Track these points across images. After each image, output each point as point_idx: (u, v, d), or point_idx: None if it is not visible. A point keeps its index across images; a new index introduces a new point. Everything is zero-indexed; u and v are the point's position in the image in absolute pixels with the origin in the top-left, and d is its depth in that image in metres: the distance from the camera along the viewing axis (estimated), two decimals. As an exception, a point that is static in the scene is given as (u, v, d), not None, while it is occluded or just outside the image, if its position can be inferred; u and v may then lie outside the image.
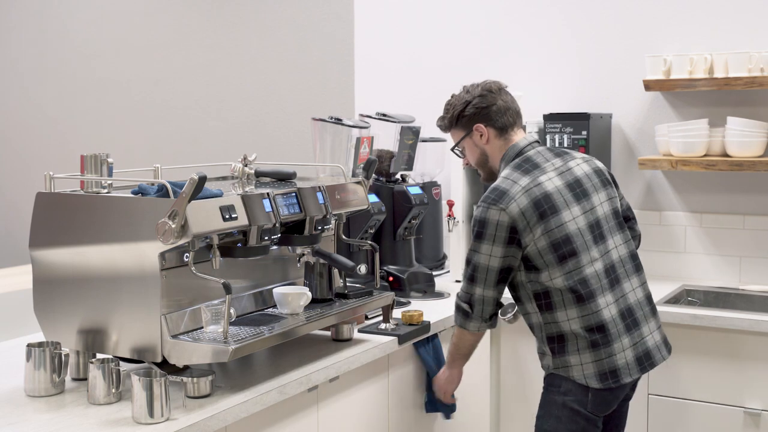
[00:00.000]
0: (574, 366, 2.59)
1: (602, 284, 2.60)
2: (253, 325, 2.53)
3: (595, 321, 2.57)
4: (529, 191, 2.59)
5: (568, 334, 2.59)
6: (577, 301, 2.56)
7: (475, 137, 2.75)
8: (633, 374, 2.62)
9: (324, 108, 4.60)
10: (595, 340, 2.57)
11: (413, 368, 3.10)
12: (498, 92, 2.74)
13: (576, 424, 2.61)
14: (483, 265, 2.62)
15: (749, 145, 3.61)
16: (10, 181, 5.98)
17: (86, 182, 2.45)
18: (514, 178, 2.62)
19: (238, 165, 2.83)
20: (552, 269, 2.57)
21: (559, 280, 2.57)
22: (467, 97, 2.75)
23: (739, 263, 3.82)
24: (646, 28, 3.95)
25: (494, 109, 2.72)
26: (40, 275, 2.47)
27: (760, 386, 3.23)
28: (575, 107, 3.99)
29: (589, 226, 2.62)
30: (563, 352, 2.60)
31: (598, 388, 2.58)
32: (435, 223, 4.03)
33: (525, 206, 2.57)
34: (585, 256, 2.59)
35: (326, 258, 2.85)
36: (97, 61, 5.61)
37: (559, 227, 2.57)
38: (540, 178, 2.62)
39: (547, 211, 2.57)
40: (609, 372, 2.57)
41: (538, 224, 2.56)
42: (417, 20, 4.50)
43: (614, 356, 2.58)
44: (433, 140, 4.12)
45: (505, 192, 2.59)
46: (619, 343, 2.59)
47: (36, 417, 2.17)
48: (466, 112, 2.74)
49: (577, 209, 2.62)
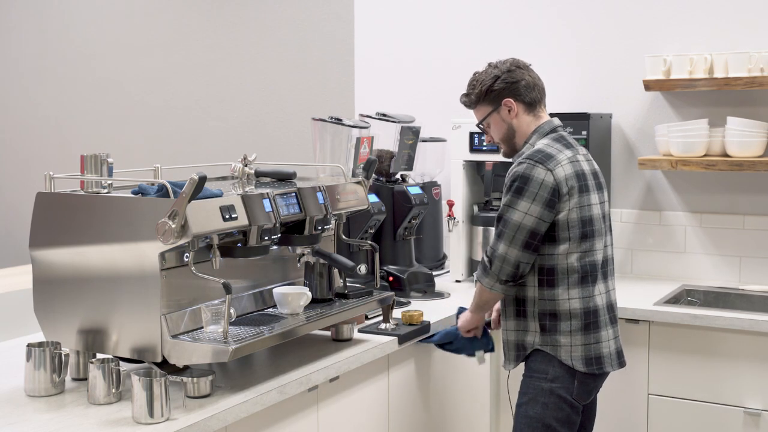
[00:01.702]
0: (563, 346, 2.64)
1: (600, 273, 2.70)
2: (253, 325, 2.53)
3: (592, 304, 2.66)
4: (573, 163, 2.67)
5: (564, 313, 2.64)
6: (581, 282, 2.64)
7: (503, 112, 2.75)
8: (613, 365, 2.72)
9: (324, 108, 4.60)
10: (588, 323, 2.65)
11: (413, 368, 3.10)
12: (525, 68, 2.78)
13: (562, 411, 2.66)
14: (515, 222, 2.60)
15: (749, 145, 3.61)
16: (10, 181, 5.98)
17: (86, 182, 2.45)
18: (557, 147, 2.68)
19: (238, 165, 2.83)
20: (572, 244, 2.63)
21: (574, 257, 2.63)
22: (496, 72, 2.76)
23: (739, 263, 3.82)
24: (646, 28, 3.95)
25: (523, 84, 2.74)
26: (40, 275, 2.47)
27: (760, 386, 3.23)
28: (575, 107, 3.99)
29: (601, 216, 2.72)
30: (555, 331, 2.65)
31: (583, 372, 2.64)
32: (435, 223, 4.03)
33: (569, 174, 2.63)
34: (599, 241, 2.69)
35: (326, 258, 2.85)
36: (97, 61, 5.61)
37: (587, 206, 2.66)
38: (578, 156, 2.71)
39: (583, 186, 2.66)
40: (594, 358, 2.66)
41: (575, 196, 2.63)
42: (417, 20, 4.50)
43: (601, 343, 2.67)
44: (433, 140, 4.13)
45: (552, 156, 2.64)
46: (606, 332, 2.69)
47: (36, 417, 2.17)
48: (495, 87, 2.74)
49: (595, 197, 2.71)
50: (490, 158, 3.85)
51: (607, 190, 2.84)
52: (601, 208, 2.73)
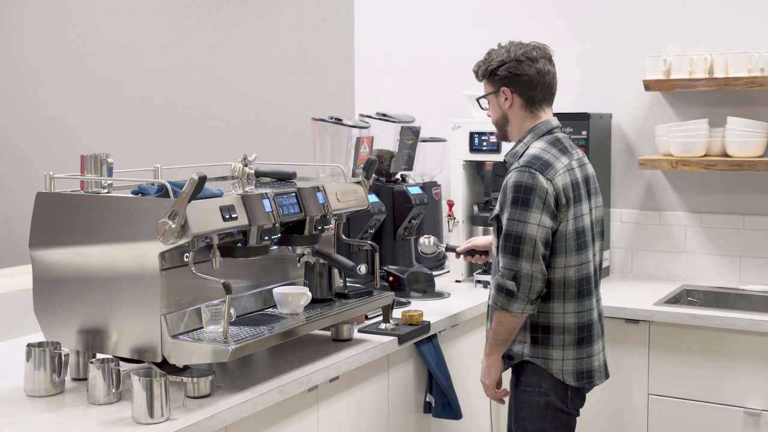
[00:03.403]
0: (555, 360, 2.59)
1: (592, 285, 2.64)
2: (253, 325, 2.53)
3: (587, 319, 2.61)
4: (569, 171, 2.58)
5: (558, 327, 2.59)
6: (578, 296, 2.58)
7: (500, 98, 2.68)
8: (601, 379, 2.68)
9: (324, 108, 4.60)
10: (582, 338, 2.60)
11: (413, 368, 3.10)
12: (536, 61, 2.62)
13: (560, 420, 2.64)
14: (531, 235, 2.47)
15: (749, 145, 3.61)
16: (10, 181, 5.98)
17: (86, 182, 2.45)
18: (554, 153, 2.58)
19: (238, 165, 2.83)
20: (569, 256, 2.55)
21: (572, 270, 2.56)
22: (504, 57, 2.64)
23: (739, 263, 3.82)
24: (646, 28, 3.95)
25: (525, 79, 2.62)
26: (40, 275, 2.47)
27: (760, 386, 3.23)
28: (575, 107, 3.99)
29: (592, 224, 2.66)
30: (547, 344, 2.60)
31: (574, 386, 2.61)
32: (435, 223, 4.03)
33: (566, 184, 2.55)
34: (591, 252, 2.63)
35: (326, 258, 2.85)
36: (97, 61, 5.61)
37: (581, 216, 2.59)
38: (572, 162, 2.62)
39: (577, 197, 2.58)
40: (585, 372, 2.62)
41: (572, 206, 2.55)
42: (417, 20, 4.50)
43: (592, 357, 2.63)
44: (433, 140, 4.13)
45: (550, 164, 2.54)
46: (597, 345, 2.65)
47: (36, 417, 2.17)
48: (498, 72, 2.65)
49: (586, 206, 2.64)
50: (490, 158, 3.85)
51: (601, 194, 2.77)
52: (594, 214, 2.67)
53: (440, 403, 3.11)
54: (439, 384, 3.08)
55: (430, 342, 3.12)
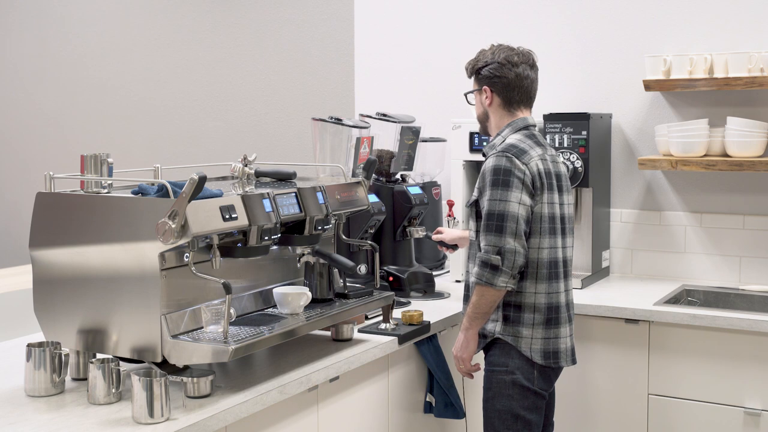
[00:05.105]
0: (524, 338, 2.72)
1: (563, 271, 2.78)
2: (253, 325, 2.53)
3: (555, 301, 2.75)
4: (543, 161, 2.75)
5: (529, 305, 2.72)
6: (548, 277, 2.73)
7: (482, 96, 2.87)
8: (568, 362, 2.80)
9: (324, 108, 4.60)
10: (550, 318, 2.74)
11: (413, 368, 3.11)
12: (517, 66, 2.81)
13: (527, 399, 2.73)
14: (513, 213, 2.65)
15: (749, 145, 3.61)
16: (10, 181, 5.98)
17: (86, 182, 2.45)
18: (529, 144, 2.76)
19: (238, 165, 2.83)
20: (542, 238, 2.71)
21: (545, 252, 2.71)
22: (489, 58, 2.84)
23: (739, 263, 3.82)
24: (646, 28, 3.95)
25: (504, 81, 2.81)
26: (40, 275, 2.47)
27: (760, 386, 3.23)
28: (575, 107, 3.99)
29: (563, 217, 2.80)
30: (518, 322, 2.73)
31: (541, 364, 2.72)
32: (435, 223, 4.03)
33: (540, 170, 2.72)
34: (562, 240, 2.78)
35: (326, 258, 2.85)
36: (98, 61, 5.61)
37: (553, 204, 2.76)
38: (545, 155, 2.79)
39: (550, 185, 2.75)
40: (552, 352, 2.74)
41: (545, 191, 2.72)
42: (417, 20, 4.50)
43: (559, 339, 2.76)
44: (433, 140, 4.13)
45: (525, 151, 2.72)
46: (564, 329, 2.78)
47: (36, 417, 2.17)
48: (482, 72, 2.85)
49: (558, 198, 2.79)
50: (490, 158, 3.85)
51: (572, 194, 2.92)
52: (565, 209, 2.82)
53: (442, 403, 3.12)
54: (440, 384, 3.09)
55: (430, 342, 3.13)
